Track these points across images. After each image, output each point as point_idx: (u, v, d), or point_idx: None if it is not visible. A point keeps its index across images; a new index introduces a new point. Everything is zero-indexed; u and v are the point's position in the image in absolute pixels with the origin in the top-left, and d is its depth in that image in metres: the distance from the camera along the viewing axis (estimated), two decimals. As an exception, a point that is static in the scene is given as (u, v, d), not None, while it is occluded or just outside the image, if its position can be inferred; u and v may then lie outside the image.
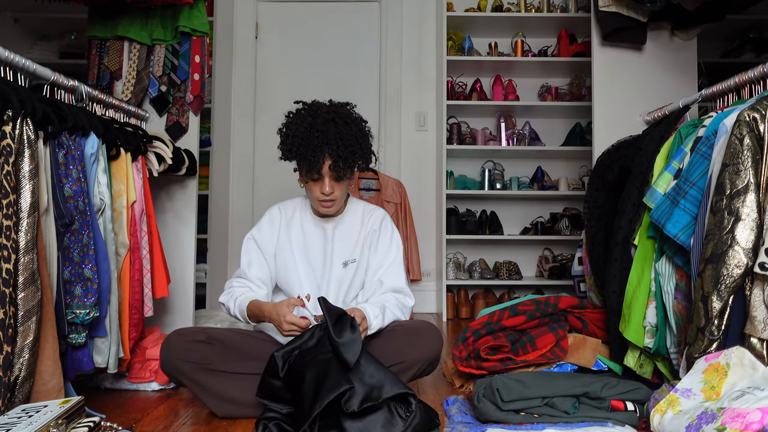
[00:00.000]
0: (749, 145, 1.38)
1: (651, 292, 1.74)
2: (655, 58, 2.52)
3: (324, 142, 1.64)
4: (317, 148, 1.64)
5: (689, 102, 2.01)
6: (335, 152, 1.64)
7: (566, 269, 3.77)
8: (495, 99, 3.87)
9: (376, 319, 1.66)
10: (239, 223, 3.98)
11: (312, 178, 1.70)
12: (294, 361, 1.48)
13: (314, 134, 1.64)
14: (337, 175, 1.68)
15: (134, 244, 1.89)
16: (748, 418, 1.11)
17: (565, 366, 1.87)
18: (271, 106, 4.01)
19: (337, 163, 1.65)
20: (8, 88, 1.40)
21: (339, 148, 1.64)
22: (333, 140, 1.64)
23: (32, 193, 1.40)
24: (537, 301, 2.03)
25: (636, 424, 1.51)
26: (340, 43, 4.10)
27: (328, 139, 1.64)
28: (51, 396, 1.44)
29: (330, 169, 1.67)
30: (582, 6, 3.75)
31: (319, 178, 1.69)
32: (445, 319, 3.64)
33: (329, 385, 1.35)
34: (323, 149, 1.64)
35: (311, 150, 1.64)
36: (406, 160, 4.05)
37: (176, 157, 2.23)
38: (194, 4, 2.35)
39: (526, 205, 4.09)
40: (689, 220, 1.56)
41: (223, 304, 1.79)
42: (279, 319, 1.57)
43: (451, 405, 1.71)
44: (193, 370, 1.64)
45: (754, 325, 1.33)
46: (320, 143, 1.64)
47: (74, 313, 1.58)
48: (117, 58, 2.38)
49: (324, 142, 1.64)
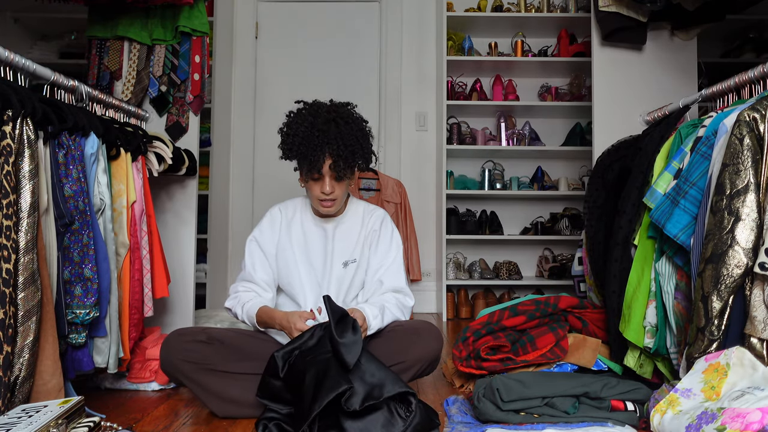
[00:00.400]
0: (749, 145, 1.38)
1: (651, 292, 1.74)
2: (655, 58, 2.52)
3: (324, 142, 1.64)
4: (318, 148, 1.64)
5: (689, 102, 2.01)
6: (336, 152, 1.65)
7: (566, 269, 3.77)
8: (495, 99, 3.87)
9: (375, 319, 1.66)
10: (239, 223, 3.98)
11: (312, 178, 1.70)
12: (294, 361, 1.48)
13: (315, 133, 1.65)
14: (338, 174, 1.68)
15: (134, 244, 1.89)
16: (748, 418, 1.11)
17: (565, 366, 1.87)
18: (271, 106, 4.01)
19: (338, 163, 1.66)
20: (8, 88, 1.40)
21: (339, 148, 1.65)
22: (334, 140, 1.64)
23: (32, 193, 1.40)
24: (537, 301, 2.03)
25: (636, 424, 1.51)
26: (340, 43, 4.10)
27: (328, 139, 1.64)
28: (51, 396, 1.43)
29: (330, 168, 1.67)
30: (582, 6, 3.74)
31: (320, 178, 1.70)
32: (445, 319, 3.64)
33: (329, 384, 1.35)
34: (324, 149, 1.64)
35: (312, 149, 1.64)
36: (406, 160, 4.05)
37: (176, 157, 2.24)
38: (194, 4, 2.35)
39: (526, 205, 4.09)
40: (689, 220, 1.56)
41: (229, 309, 1.78)
42: (290, 326, 1.59)
43: (451, 405, 1.71)
44: (193, 370, 1.64)
45: (754, 325, 1.33)
46: (321, 143, 1.64)
47: (74, 313, 1.58)
48: (117, 58, 2.38)
49: (324, 142, 1.64)
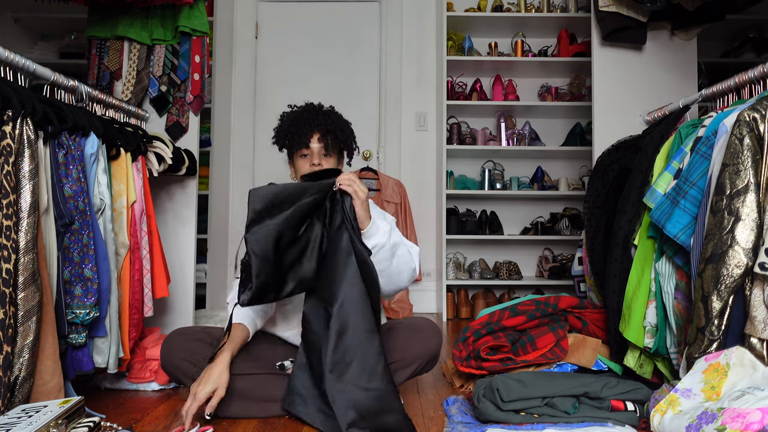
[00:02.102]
0: (749, 145, 1.38)
1: (651, 292, 1.74)
2: (655, 58, 2.52)
3: (313, 119, 1.74)
4: (306, 124, 1.74)
5: (689, 102, 2.01)
6: (324, 127, 1.74)
7: (566, 269, 3.77)
8: (495, 99, 3.87)
9: (383, 225, 1.65)
10: (239, 223, 3.98)
11: (302, 155, 1.76)
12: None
13: (304, 115, 1.76)
14: (326, 147, 1.75)
15: (134, 244, 1.90)
16: (748, 418, 1.11)
17: (565, 366, 1.87)
18: (270, 106, 4.01)
19: (326, 137, 1.74)
20: (8, 88, 1.40)
21: (327, 124, 1.75)
22: (322, 118, 1.75)
23: (32, 193, 1.40)
24: (537, 301, 2.03)
25: (636, 424, 1.51)
26: (340, 43, 4.10)
27: (317, 118, 1.75)
28: (51, 396, 1.44)
29: (318, 141, 1.74)
30: (582, 6, 3.75)
31: (308, 154, 1.76)
32: (445, 319, 3.64)
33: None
34: (312, 125, 1.74)
35: (300, 126, 1.74)
36: (406, 160, 4.05)
37: (176, 157, 2.24)
38: (194, 4, 2.35)
39: (526, 205, 4.09)
40: (689, 220, 1.56)
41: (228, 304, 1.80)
42: (196, 384, 1.51)
43: (451, 405, 1.72)
44: (193, 370, 1.64)
45: (754, 325, 1.33)
46: (309, 120, 1.74)
47: (74, 313, 1.58)
48: (117, 58, 2.38)
49: (313, 119, 1.74)
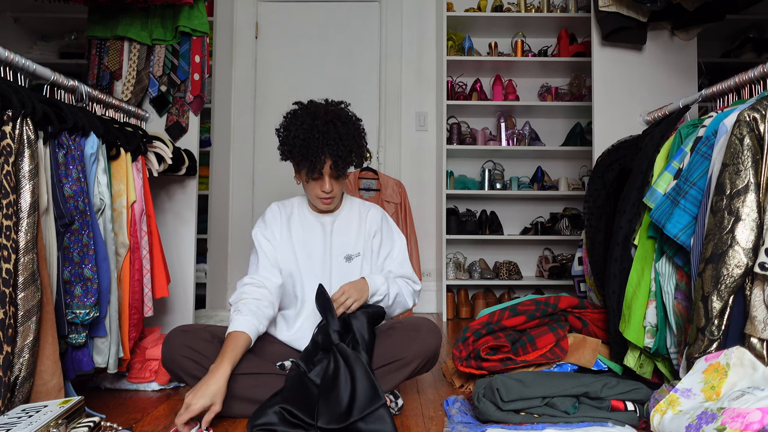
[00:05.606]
0: (749, 145, 1.38)
1: (651, 292, 1.74)
2: (655, 58, 2.52)
3: (325, 144, 1.70)
4: (319, 150, 1.70)
5: (689, 102, 2.01)
6: (335, 153, 1.71)
7: (566, 269, 3.77)
8: (495, 99, 3.87)
9: (382, 285, 1.77)
10: (239, 223, 3.98)
11: (312, 178, 1.76)
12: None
13: (315, 135, 1.70)
14: (337, 174, 1.76)
15: (134, 244, 1.90)
16: (748, 418, 1.11)
17: (565, 366, 1.87)
18: (271, 106, 4.01)
19: (337, 164, 1.73)
20: (8, 88, 1.40)
21: (339, 149, 1.71)
22: (333, 142, 1.70)
23: (32, 193, 1.40)
24: (537, 301, 2.03)
25: (636, 424, 1.51)
26: (340, 43, 4.10)
27: (328, 141, 1.70)
28: (51, 396, 1.43)
29: (330, 168, 1.74)
30: (582, 6, 3.74)
31: (320, 178, 1.76)
32: (445, 319, 3.64)
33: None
34: (324, 151, 1.70)
35: (312, 151, 1.70)
36: (406, 160, 4.05)
37: (176, 157, 2.24)
38: (194, 4, 2.35)
39: (526, 205, 4.09)
40: (689, 220, 1.56)
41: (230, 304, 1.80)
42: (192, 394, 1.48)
43: (451, 405, 1.72)
44: (194, 367, 1.64)
45: (754, 325, 1.33)
46: (321, 144, 1.70)
47: (74, 313, 1.58)
48: (117, 58, 2.38)
49: (325, 144, 1.70)
